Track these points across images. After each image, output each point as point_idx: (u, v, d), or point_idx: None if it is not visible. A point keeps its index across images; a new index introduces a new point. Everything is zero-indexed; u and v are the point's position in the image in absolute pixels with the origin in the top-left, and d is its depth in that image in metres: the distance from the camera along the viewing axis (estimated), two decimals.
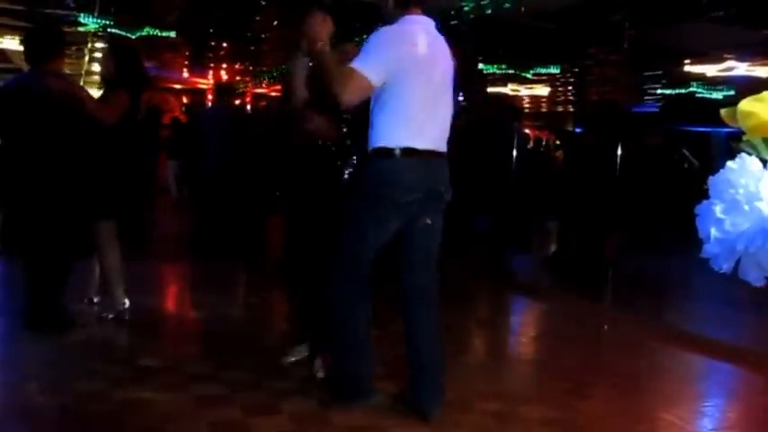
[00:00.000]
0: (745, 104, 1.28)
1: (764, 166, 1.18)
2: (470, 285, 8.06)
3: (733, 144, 1.28)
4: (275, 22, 12.38)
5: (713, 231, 1.20)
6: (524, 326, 6.84)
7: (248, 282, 7.84)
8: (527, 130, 20.09)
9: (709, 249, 1.22)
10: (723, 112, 1.33)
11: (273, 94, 21.16)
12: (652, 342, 5.97)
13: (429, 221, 3.80)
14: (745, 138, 1.28)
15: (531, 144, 15.52)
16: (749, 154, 1.21)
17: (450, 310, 6.54)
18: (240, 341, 5.11)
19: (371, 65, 3.51)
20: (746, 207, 1.16)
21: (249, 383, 4.18)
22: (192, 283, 7.73)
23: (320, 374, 4.33)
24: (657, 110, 20.31)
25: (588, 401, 4.37)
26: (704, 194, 1.26)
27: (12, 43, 14.52)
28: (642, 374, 5.04)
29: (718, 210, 1.19)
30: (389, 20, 3.75)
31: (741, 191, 1.16)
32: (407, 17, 3.70)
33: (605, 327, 6.52)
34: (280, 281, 5.54)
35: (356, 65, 3.51)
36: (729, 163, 1.20)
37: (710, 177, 1.22)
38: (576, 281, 8.03)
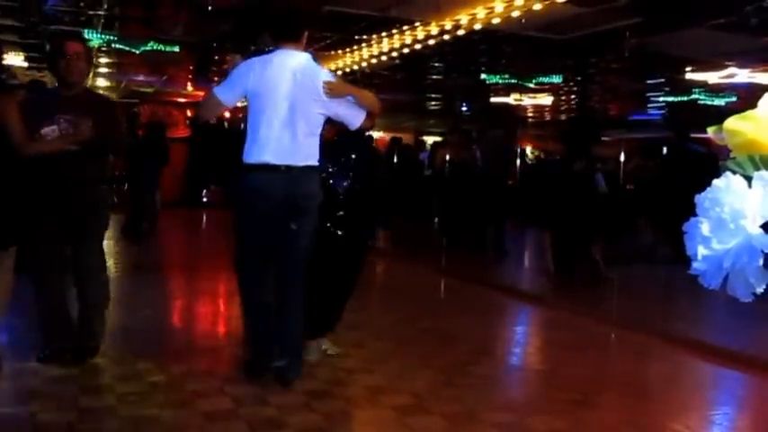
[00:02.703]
0: (731, 122, 1.30)
1: (749, 184, 1.20)
2: (477, 295, 8.06)
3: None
4: None
5: (700, 249, 1.22)
6: (531, 335, 6.83)
7: None
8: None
9: (697, 266, 1.24)
10: (710, 130, 1.34)
11: None
12: (659, 350, 5.96)
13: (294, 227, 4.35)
14: (732, 155, 1.29)
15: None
16: (734, 172, 1.23)
17: (456, 321, 6.56)
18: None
19: (224, 88, 4.49)
20: (732, 225, 1.18)
21: (255, 398, 4.18)
22: (195, 296, 7.74)
23: (312, 358, 4.81)
24: (661, 117, 20.37)
25: (596, 411, 4.35)
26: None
27: (16, 59, 14.57)
28: (650, 383, 5.03)
29: (704, 228, 1.21)
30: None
31: (726, 209, 1.18)
32: (277, 50, 4.47)
33: (612, 336, 6.50)
34: None
35: (214, 87, 4.49)
36: (715, 181, 1.22)
37: (697, 196, 1.24)
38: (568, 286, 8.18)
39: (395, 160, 16.36)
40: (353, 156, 4.94)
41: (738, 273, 1.19)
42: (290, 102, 4.29)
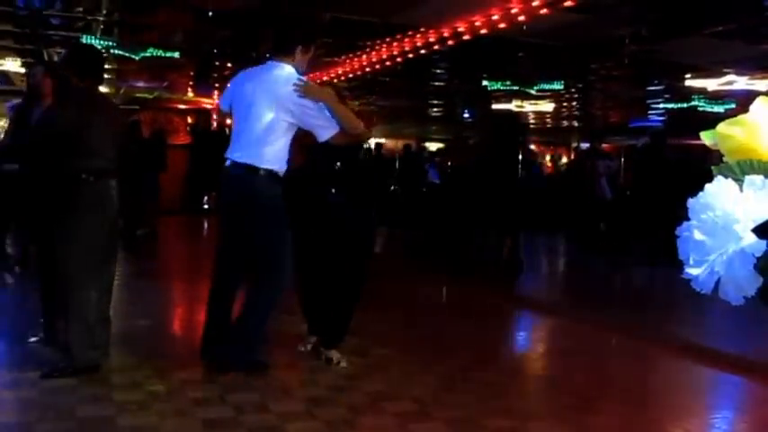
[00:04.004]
0: (724, 127, 1.30)
1: (741, 188, 1.19)
2: (478, 301, 8.05)
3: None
4: None
5: (693, 254, 1.22)
6: (532, 341, 6.82)
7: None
8: None
9: (689, 271, 1.24)
10: (703, 135, 1.34)
11: None
12: (660, 355, 5.96)
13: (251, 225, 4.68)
14: (724, 159, 1.29)
15: None
16: (726, 176, 1.22)
17: (457, 327, 6.55)
18: None
19: (222, 96, 5.16)
20: (724, 230, 1.18)
21: (255, 406, 4.17)
22: (194, 304, 7.72)
23: (343, 364, 4.96)
24: (661, 123, 20.44)
25: (597, 416, 4.35)
26: None
27: (13, 65, 14.60)
28: (651, 388, 5.03)
29: (696, 232, 1.21)
30: None
31: (719, 213, 1.18)
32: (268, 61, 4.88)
33: (613, 341, 6.50)
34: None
35: None
36: (707, 186, 1.22)
37: (690, 200, 1.24)
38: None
39: (397, 166, 16.40)
40: (339, 164, 5.10)
41: (730, 277, 1.19)
42: (251, 106, 4.61)
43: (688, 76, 14.01)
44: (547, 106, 19.87)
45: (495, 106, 19.30)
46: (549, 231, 13.39)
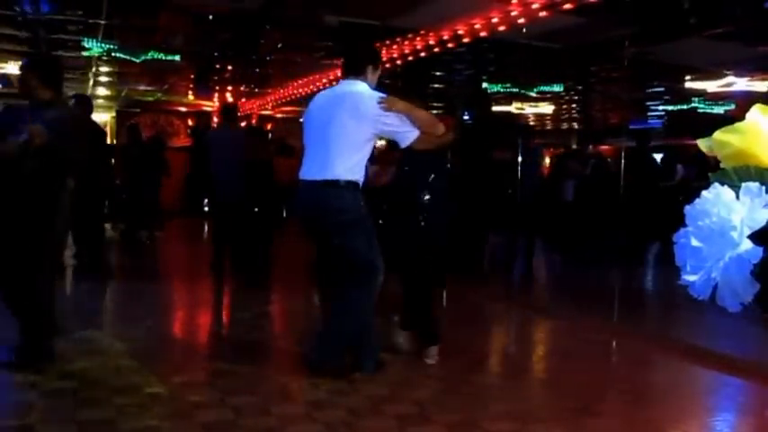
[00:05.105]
0: (721, 134, 1.30)
1: (737, 195, 1.20)
2: (478, 304, 8.05)
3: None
4: (279, 45, 12.45)
5: (689, 260, 1.22)
6: (533, 343, 6.82)
7: (252, 300, 7.78)
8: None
9: (686, 277, 1.24)
10: (700, 141, 1.34)
11: (279, 115, 21.26)
12: (660, 357, 5.97)
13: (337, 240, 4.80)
14: (721, 166, 1.30)
15: None
16: (722, 183, 1.23)
17: (457, 330, 6.55)
18: (246, 364, 5.09)
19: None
20: (720, 236, 1.18)
21: (256, 409, 4.17)
22: (195, 306, 7.72)
23: (431, 361, 5.27)
24: (661, 125, 20.46)
25: (597, 418, 4.35)
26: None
27: (15, 68, 14.61)
28: (651, 390, 5.03)
29: (693, 239, 1.21)
30: None
31: (715, 220, 1.18)
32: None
33: (613, 343, 6.50)
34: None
35: None
36: (704, 192, 1.22)
37: (687, 207, 1.24)
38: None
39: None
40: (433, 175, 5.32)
41: (727, 284, 1.19)
42: (330, 124, 4.72)
43: (688, 77, 14.02)
44: (546, 108, 19.88)
45: (495, 108, 19.32)
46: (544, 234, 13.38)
